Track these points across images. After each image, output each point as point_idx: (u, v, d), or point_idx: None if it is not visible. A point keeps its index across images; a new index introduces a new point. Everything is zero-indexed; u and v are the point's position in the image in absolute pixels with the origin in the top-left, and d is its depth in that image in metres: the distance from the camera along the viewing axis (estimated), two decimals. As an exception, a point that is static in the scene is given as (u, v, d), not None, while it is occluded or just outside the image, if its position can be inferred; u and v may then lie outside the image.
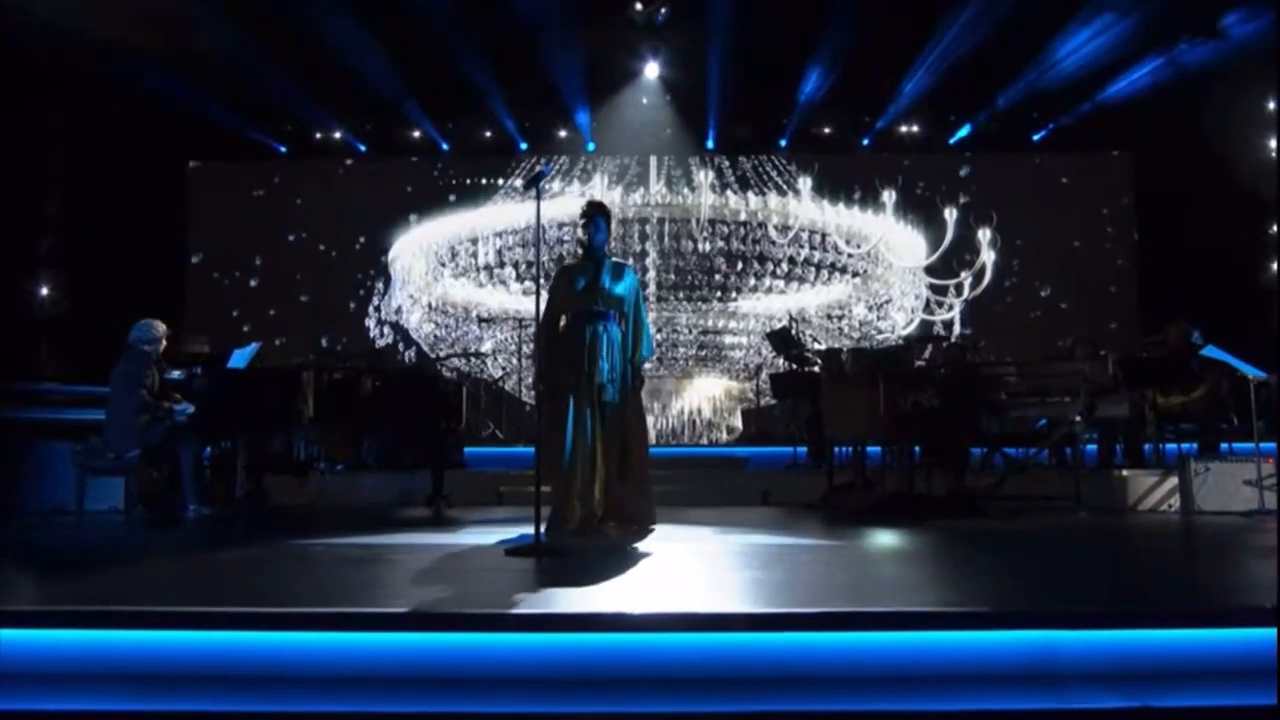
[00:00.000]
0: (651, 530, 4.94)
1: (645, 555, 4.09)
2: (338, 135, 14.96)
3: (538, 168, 4.49)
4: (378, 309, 13.74)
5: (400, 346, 13.74)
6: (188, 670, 2.59)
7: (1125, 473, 7.58)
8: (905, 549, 4.75)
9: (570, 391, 5.03)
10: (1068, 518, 6.45)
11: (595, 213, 5.34)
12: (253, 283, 15.40)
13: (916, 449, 7.55)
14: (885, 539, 5.14)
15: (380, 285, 13.96)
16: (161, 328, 6.91)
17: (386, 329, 13.68)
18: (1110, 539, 5.56)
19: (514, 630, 2.59)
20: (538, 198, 4.26)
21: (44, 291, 12.15)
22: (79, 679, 2.57)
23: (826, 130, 14.71)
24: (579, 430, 4.94)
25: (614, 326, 5.18)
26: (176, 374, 7.22)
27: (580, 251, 5.36)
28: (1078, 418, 7.03)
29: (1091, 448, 8.49)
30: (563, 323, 5.21)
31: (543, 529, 4.25)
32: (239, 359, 7.16)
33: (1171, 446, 8.28)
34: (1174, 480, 7.22)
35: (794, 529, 5.84)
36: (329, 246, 15.12)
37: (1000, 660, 2.60)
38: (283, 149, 15.05)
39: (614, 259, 5.42)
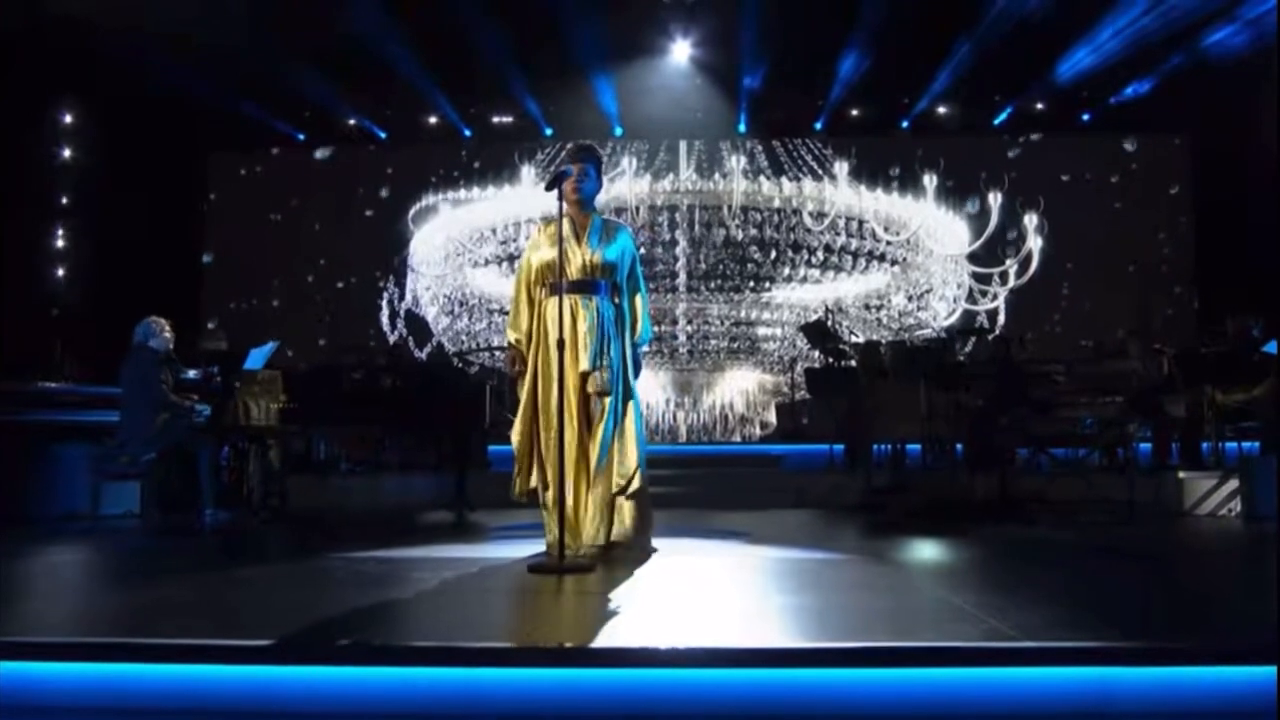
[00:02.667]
0: (652, 552, 4.50)
1: (673, 573, 4.02)
2: (356, 122, 14.98)
3: (561, 168, 4.29)
4: (392, 301, 13.74)
5: (419, 340, 13.75)
6: (196, 705, 2.56)
7: (1182, 475, 7.39)
8: (947, 565, 4.64)
9: (549, 384, 4.34)
10: (1120, 524, 6.30)
11: (586, 158, 4.54)
12: (269, 276, 15.48)
13: (959, 448, 7.44)
14: (926, 552, 5.04)
15: (400, 276, 13.97)
16: (166, 325, 6.92)
17: (404, 322, 13.70)
18: (1168, 550, 5.43)
19: (533, 666, 2.54)
20: (559, 199, 4.12)
21: (57, 289, 12.27)
22: (82, 713, 2.55)
23: (864, 112, 14.52)
24: (561, 432, 4.19)
25: (604, 301, 4.45)
26: (193, 373, 7.24)
27: (563, 206, 4.40)
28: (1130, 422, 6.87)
29: (1146, 446, 8.31)
30: (541, 296, 4.52)
31: (567, 541, 4.16)
32: (256, 359, 7.17)
33: (1232, 445, 8.09)
34: (1234, 483, 7.04)
35: (830, 540, 5.76)
36: (347, 236, 15.15)
37: (1051, 701, 2.51)
38: (301, 137, 15.11)
39: (604, 216, 4.74)
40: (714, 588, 3.75)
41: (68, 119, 12.54)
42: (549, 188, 4.19)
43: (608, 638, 2.76)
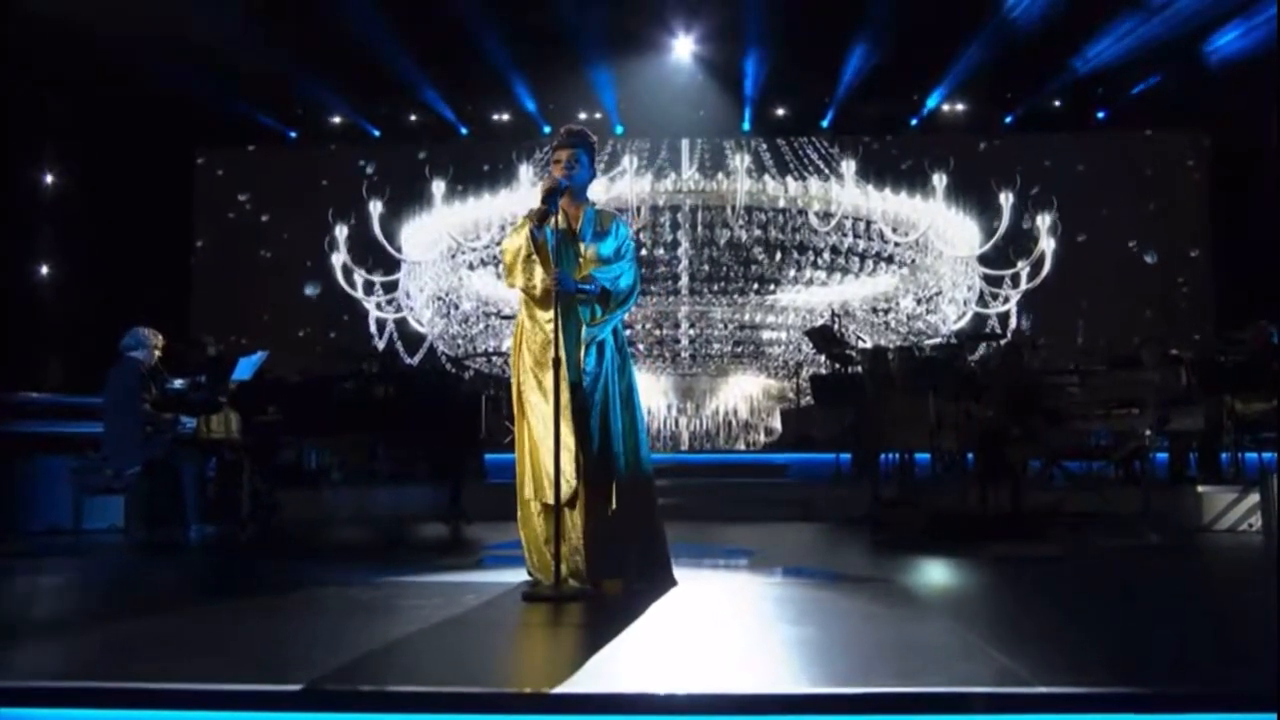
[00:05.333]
0: (671, 586, 4.18)
1: (674, 601, 3.98)
2: (349, 120, 14.94)
3: (545, 205, 4.00)
4: (379, 306, 13.65)
5: (413, 343, 13.69)
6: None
7: (1200, 488, 7.34)
8: (955, 591, 4.61)
9: (535, 397, 4.10)
10: (1137, 541, 6.25)
11: (577, 143, 4.25)
12: (259, 277, 15.45)
13: (969, 458, 7.38)
14: (934, 575, 5.00)
15: (394, 277, 13.90)
16: (153, 335, 6.89)
17: (397, 323, 13.63)
18: (1187, 572, 5.40)
19: (521, 713, 2.49)
20: (554, 213, 4.04)
21: (42, 295, 12.22)
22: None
23: (872, 110, 14.47)
24: (550, 449, 3.94)
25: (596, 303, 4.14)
26: (179, 383, 7.20)
27: (549, 196, 4.06)
28: (1147, 431, 6.81)
29: (1163, 456, 8.26)
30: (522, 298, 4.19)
31: (563, 569, 4.07)
32: (244, 369, 7.12)
33: (1252, 456, 8.04)
34: (1255, 497, 6.99)
35: (836, 559, 5.74)
36: (339, 236, 15.09)
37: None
38: (293, 134, 15.07)
39: (598, 206, 4.40)
40: (715, 618, 3.71)
41: (52, 117, 12.48)
42: (545, 201, 4.01)
43: (603, 679, 2.72)
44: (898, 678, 2.72)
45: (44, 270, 12.51)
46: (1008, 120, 14.70)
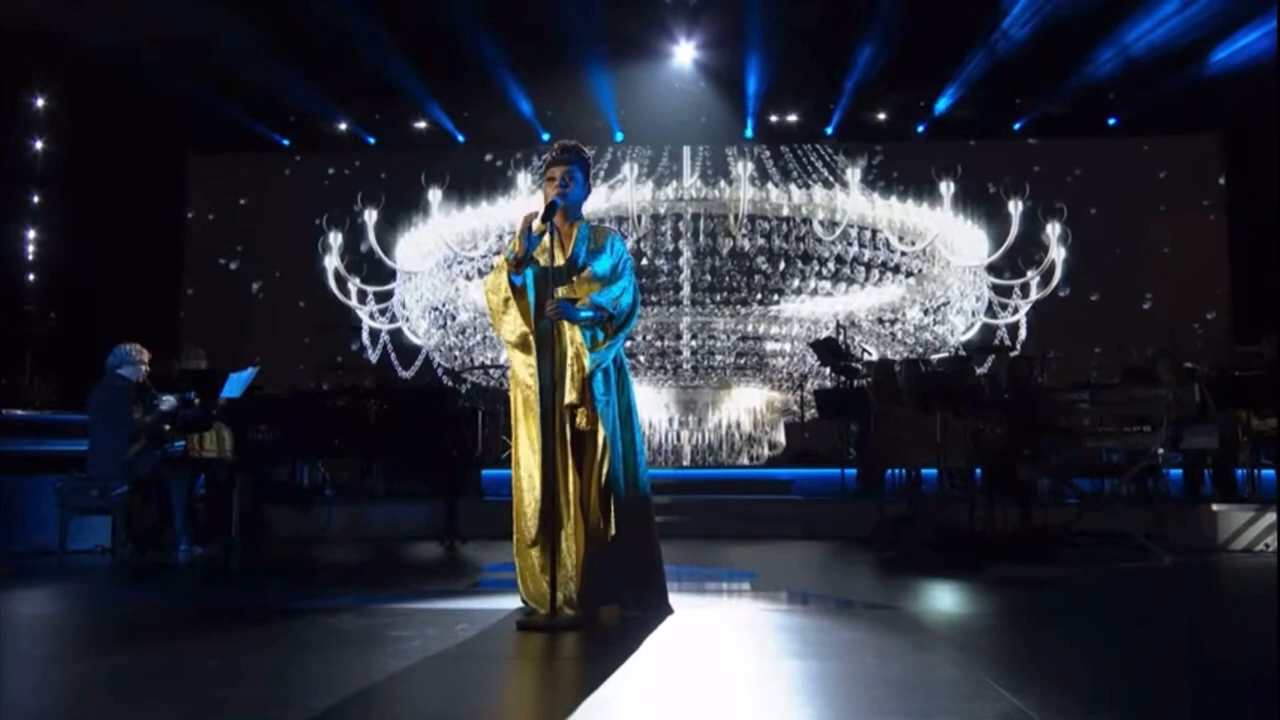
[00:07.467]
0: (668, 614, 4.14)
1: (674, 631, 3.93)
2: (344, 127, 14.94)
3: (550, 200, 4.03)
4: (372, 316, 13.58)
5: (408, 356, 13.64)
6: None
7: (1215, 507, 7.29)
8: (965, 618, 4.56)
9: (529, 418, 4.13)
10: (1150, 562, 6.21)
11: (571, 159, 4.22)
12: (251, 288, 15.43)
13: (977, 472, 7.34)
14: (942, 599, 4.96)
15: (389, 287, 13.86)
16: (142, 352, 6.87)
17: (392, 335, 13.58)
18: (1202, 596, 5.36)
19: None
20: (552, 233, 4.02)
21: (29, 307, 12.19)
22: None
23: (877, 116, 14.43)
24: (544, 472, 3.98)
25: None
26: (168, 400, 7.17)
27: (546, 215, 4.03)
28: (1160, 449, 6.77)
29: (1177, 472, 8.22)
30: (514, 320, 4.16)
31: (558, 597, 4.03)
32: (234, 386, 7.09)
33: (1269, 473, 8.00)
34: (1271, 516, 6.94)
35: (841, 581, 5.72)
36: (331, 244, 15.07)
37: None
38: (286, 142, 15.07)
39: (592, 223, 4.38)
40: (716, 650, 3.67)
41: (41, 121, 12.48)
42: (545, 219, 3.99)
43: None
44: (904, 719, 2.69)
45: (30, 279, 12.49)
46: (1016, 127, 14.68)
